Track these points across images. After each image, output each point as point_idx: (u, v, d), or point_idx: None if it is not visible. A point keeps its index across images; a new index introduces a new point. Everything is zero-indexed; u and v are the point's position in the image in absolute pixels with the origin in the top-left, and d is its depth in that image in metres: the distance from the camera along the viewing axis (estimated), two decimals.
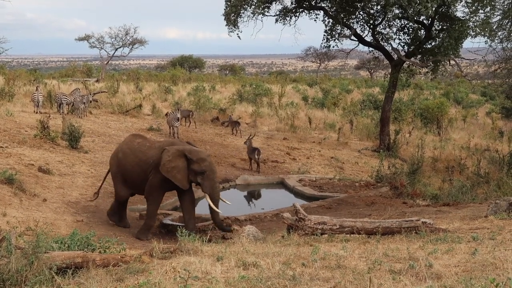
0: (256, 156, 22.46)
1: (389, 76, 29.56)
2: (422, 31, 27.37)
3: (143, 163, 14.30)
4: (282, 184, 21.09)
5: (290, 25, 27.98)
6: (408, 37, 27.84)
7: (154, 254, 8.11)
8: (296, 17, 27.89)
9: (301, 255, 8.18)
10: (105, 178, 15.93)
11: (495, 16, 20.51)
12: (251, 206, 17.68)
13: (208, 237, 10.33)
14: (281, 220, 11.69)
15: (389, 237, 9.55)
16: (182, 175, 13.91)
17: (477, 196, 17.11)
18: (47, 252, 7.63)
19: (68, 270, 7.49)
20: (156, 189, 14.29)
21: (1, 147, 19.47)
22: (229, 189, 20.88)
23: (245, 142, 23.89)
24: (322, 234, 9.99)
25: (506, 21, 19.68)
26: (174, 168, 13.82)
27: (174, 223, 15.12)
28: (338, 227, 10.02)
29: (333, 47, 28.17)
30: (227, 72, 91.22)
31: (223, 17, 26.87)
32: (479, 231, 9.58)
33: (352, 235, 9.88)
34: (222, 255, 8.02)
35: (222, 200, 14.34)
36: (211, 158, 14.80)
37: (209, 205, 13.96)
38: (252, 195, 20.63)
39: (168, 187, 14.35)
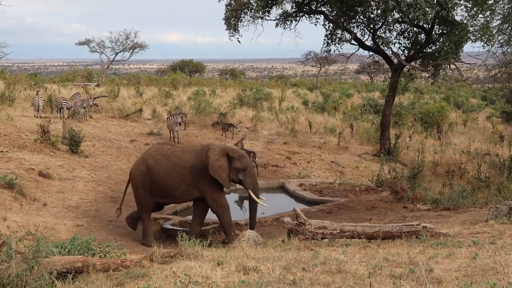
0: (252, 159, 22.22)
1: (389, 80, 29.58)
2: (422, 35, 27.41)
3: (179, 168, 14.14)
4: (282, 189, 21.06)
5: (290, 29, 28.01)
6: (408, 41, 27.87)
7: (154, 259, 8.11)
8: (297, 22, 27.91)
9: (301, 259, 8.18)
10: (125, 191, 15.39)
11: (495, 20, 20.53)
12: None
13: (208, 241, 10.32)
14: (281, 224, 11.68)
15: (390, 242, 9.53)
16: (226, 174, 14.07)
17: (477, 201, 17.08)
18: (48, 257, 7.62)
19: (68, 274, 7.48)
20: (216, 194, 14.25)
21: (2, 151, 19.48)
22: (229, 193, 20.84)
23: (236, 144, 23.55)
24: (322, 238, 9.98)
25: (506, 25, 19.67)
26: (220, 167, 13.93)
27: (175, 227, 15.11)
28: (338, 231, 10.00)
29: (334, 51, 28.20)
30: (228, 76, 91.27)
31: (224, 21, 26.90)
32: (480, 235, 9.57)
33: (352, 239, 9.87)
34: (223, 259, 8.01)
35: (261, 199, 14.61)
36: None
37: (252, 200, 14.24)
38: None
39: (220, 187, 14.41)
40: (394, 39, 27.81)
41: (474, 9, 21.50)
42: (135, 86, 49.21)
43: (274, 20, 27.46)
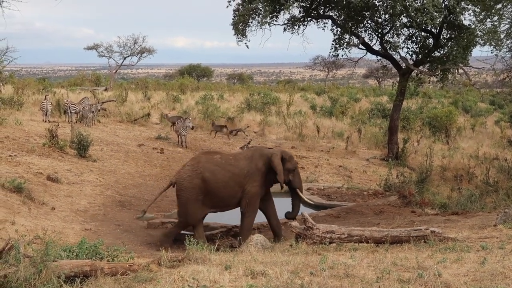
0: None
1: (397, 84, 29.53)
2: (430, 39, 27.35)
3: (237, 176, 14.17)
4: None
5: (298, 34, 28.00)
6: (416, 46, 27.81)
7: (162, 263, 8.12)
8: (304, 26, 27.91)
9: (309, 264, 8.17)
10: (158, 196, 15.28)
11: (503, 25, 20.47)
12: (259, 215, 17.63)
13: (216, 245, 10.32)
14: (289, 229, 11.68)
15: (398, 246, 9.51)
16: (286, 175, 14.59)
17: (486, 205, 17.04)
18: (56, 261, 7.65)
19: (77, 278, 7.50)
20: (256, 198, 14.48)
21: (10, 155, 19.54)
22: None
23: (241, 148, 24.06)
24: (330, 243, 9.96)
25: None
26: (281, 171, 14.40)
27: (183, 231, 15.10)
28: (346, 236, 9.99)
29: (341, 56, 28.15)
30: (235, 80, 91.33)
31: (231, 26, 26.91)
32: (488, 240, 9.54)
33: (360, 244, 9.85)
34: (230, 263, 8.01)
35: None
36: None
37: (296, 196, 15.03)
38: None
39: (262, 193, 14.74)
40: (402, 43, 27.78)
41: (482, 13, 21.44)
42: (143, 91, 49.31)
43: (282, 25, 27.48)
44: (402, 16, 24.76)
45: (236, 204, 14.51)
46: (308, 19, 27.84)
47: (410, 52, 27.95)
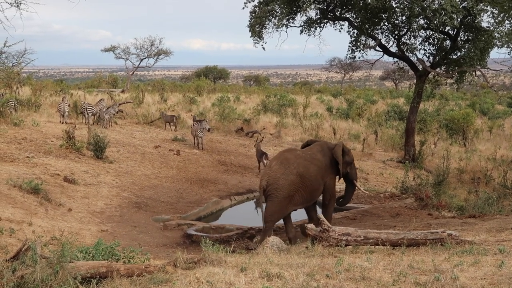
0: (264, 160, 23.18)
1: (414, 86, 29.40)
2: (448, 41, 27.21)
3: (321, 170, 14.71)
4: None
5: (314, 36, 27.91)
6: (433, 48, 27.68)
7: (178, 265, 8.12)
8: (321, 28, 27.82)
9: (325, 266, 8.15)
10: (261, 203, 14.91)
11: None
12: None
13: (232, 247, 10.32)
14: (298, 231, 11.66)
15: (414, 249, 9.47)
16: (344, 168, 15.28)
17: (503, 208, 16.94)
18: (72, 262, 7.67)
19: (93, 279, 7.52)
20: (334, 189, 15.33)
21: (28, 157, 19.66)
22: (253, 199, 20.88)
23: (254, 145, 24.94)
24: (346, 245, 9.93)
25: None
26: (345, 162, 15.11)
27: (199, 233, 15.14)
28: (362, 238, 9.95)
29: (358, 58, 28.06)
30: (252, 82, 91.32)
31: (248, 28, 26.90)
32: (506, 243, 9.47)
33: (376, 246, 9.81)
34: (246, 266, 8.00)
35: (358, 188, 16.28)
36: None
37: (354, 189, 15.98)
38: None
39: None
40: (419, 45, 27.66)
41: (501, 15, 21.30)
42: (160, 92, 49.42)
43: (299, 27, 27.42)
44: (419, 18, 24.66)
45: (316, 198, 15.04)
46: (325, 21, 27.76)
47: (427, 54, 27.83)
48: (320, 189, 14.76)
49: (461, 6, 23.73)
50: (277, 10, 25.57)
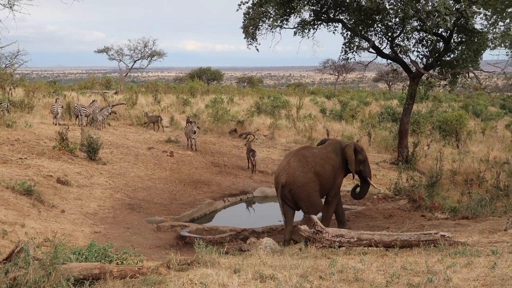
0: (251, 158, 24.19)
1: (407, 88, 29.44)
2: (441, 43, 27.24)
3: (334, 168, 15.09)
4: None
5: (308, 37, 27.87)
6: (427, 50, 27.71)
7: (171, 266, 8.12)
8: (315, 30, 27.79)
9: (318, 267, 8.16)
10: (278, 198, 14.97)
11: None
12: (269, 218, 17.66)
13: (225, 249, 10.32)
14: (295, 234, 11.67)
15: (407, 250, 9.49)
16: (357, 166, 15.76)
17: (496, 210, 16.98)
18: (65, 263, 7.66)
19: (86, 281, 7.51)
20: (339, 187, 15.76)
21: (21, 158, 19.62)
22: (247, 201, 20.90)
23: (245, 144, 25.90)
24: (339, 246, 9.94)
25: None
26: (353, 161, 15.43)
27: (192, 235, 15.14)
28: (356, 240, 9.96)
29: (351, 59, 28.08)
30: (245, 84, 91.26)
31: (242, 29, 26.90)
32: (499, 244, 9.50)
33: (370, 248, 9.82)
34: (239, 267, 8.00)
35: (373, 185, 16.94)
36: None
37: (366, 184, 16.47)
38: (270, 207, 20.61)
39: None
40: (413, 47, 27.67)
41: (494, 17, 21.35)
42: (153, 94, 49.33)
43: (292, 28, 27.39)
44: (413, 20, 24.70)
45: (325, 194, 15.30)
46: (318, 22, 27.75)
47: (421, 56, 27.85)
48: (331, 187, 15.13)
49: (454, 8, 23.78)
50: (271, 12, 25.56)
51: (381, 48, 28.09)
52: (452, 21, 23.99)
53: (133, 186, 20.03)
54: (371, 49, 27.60)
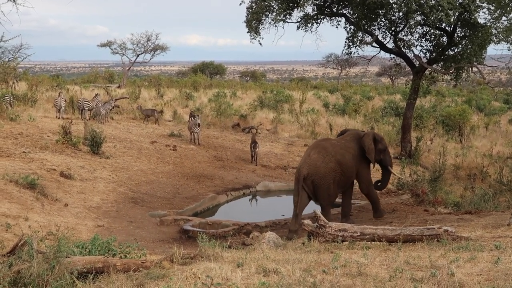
0: (252, 149, 24.64)
1: (410, 83, 29.39)
2: (444, 38, 27.17)
3: (354, 157, 15.57)
4: None
5: (311, 32, 27.83)
6: (430, 44, 27.65)
7: (175, 260, 8.12)
8: (318, 24, 27.75)
9: (321, 262, 8.15)
10: (297, 191, 15.02)
11: None
12: (272, 213, 17.66)
13: (228, 243, 10.32)
14: (301, 226, 11.67)
15: (411, 245, 9.48)
16: (377, 155, 16.12)
17: (499, 204, 16.96)
18: (68, 257, 7.67)
19: (89, 274, 7.52)
20: (368, 176, 16.18)
21: (24, 152, 19.64)
22: (249, 195, 20.90)
23: (247, 132, 27.21)
24: (342, 241, 9.94)
25: None
26: (372, 150, 15.80)
27: (195, 228, 15.15)
28: (359, 234, 9.96)
29: (355, 54, 28.03)
30: (248, 78, 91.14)
31: (245, 24, 26.86)
32: (502, 239, 9.48)
33: (373, 242, 9.82)
34: (243, 261, 8.01)
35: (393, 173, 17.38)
36: None
37: (389, 174, 16.95)
38: (273, 201, 20.62)
39: None
40: (416, 41, 27.63)
41: (498, 11, 21.29)
42: (156, 88, 49.36)
43: (295, 22, 27.35)
44: (416, 14, 24.64)
45: (348, 184, 15.84)
46: (322, 17, 27.71)
47: (424, 50, 27.79)
48: (353, 176, 15.65)
49: (457, 3, 23.72)
50: (274, 6, 25.54)
51: (385, 43, 28.05)
52: (456, 16, 23.94)
53: (136, 180, 20.04)
54: (374, 44, 27.55)
